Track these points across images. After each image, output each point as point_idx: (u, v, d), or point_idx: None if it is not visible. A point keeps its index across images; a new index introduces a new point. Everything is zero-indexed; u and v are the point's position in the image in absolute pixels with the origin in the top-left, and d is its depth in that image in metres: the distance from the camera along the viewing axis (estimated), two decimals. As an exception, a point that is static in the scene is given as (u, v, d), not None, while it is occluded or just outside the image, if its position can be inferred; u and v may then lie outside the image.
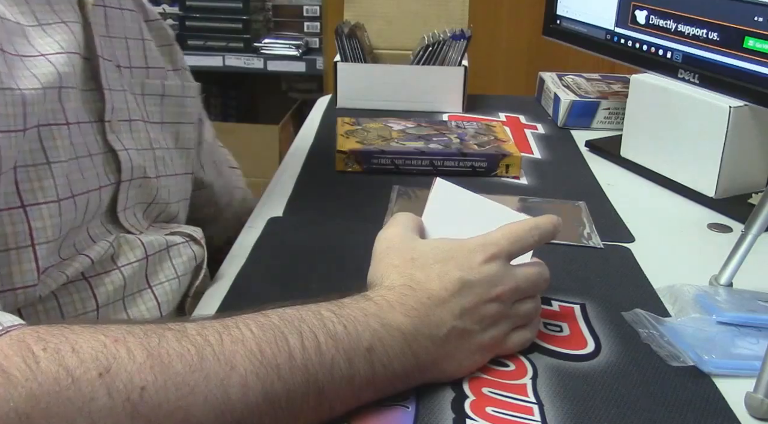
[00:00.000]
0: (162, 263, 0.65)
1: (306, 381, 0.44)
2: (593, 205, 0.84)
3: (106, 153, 0.61)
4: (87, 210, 0.58)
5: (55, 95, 0.53)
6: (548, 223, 0.57)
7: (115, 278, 0.60)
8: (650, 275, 0.69)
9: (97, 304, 0.58)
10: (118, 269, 0.60)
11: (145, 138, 0.67)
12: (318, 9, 2.19)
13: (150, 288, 0.63)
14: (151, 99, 0.69)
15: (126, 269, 0.61)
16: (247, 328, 0.44)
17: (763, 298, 0.64)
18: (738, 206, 0.84)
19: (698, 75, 0.88)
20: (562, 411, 0.50)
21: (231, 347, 0.43)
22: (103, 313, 0.58)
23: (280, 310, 0.47)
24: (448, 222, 0.60)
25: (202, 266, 0.69)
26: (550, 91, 1.19)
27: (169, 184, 0.70)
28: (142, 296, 0.63)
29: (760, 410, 0.51)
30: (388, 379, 0.49)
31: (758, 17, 0.79)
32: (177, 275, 0.66)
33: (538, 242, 0.56)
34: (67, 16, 0.57)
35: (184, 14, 2.13)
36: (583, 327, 0.61)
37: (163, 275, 0.65)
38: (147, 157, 0.66)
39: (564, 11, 1.11)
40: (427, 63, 1.17)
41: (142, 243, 0.63)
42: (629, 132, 0.98)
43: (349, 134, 0.96)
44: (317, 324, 0.46)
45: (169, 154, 0.71)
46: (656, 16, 0.93)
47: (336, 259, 0.71)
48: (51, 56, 0.54)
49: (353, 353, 0.47)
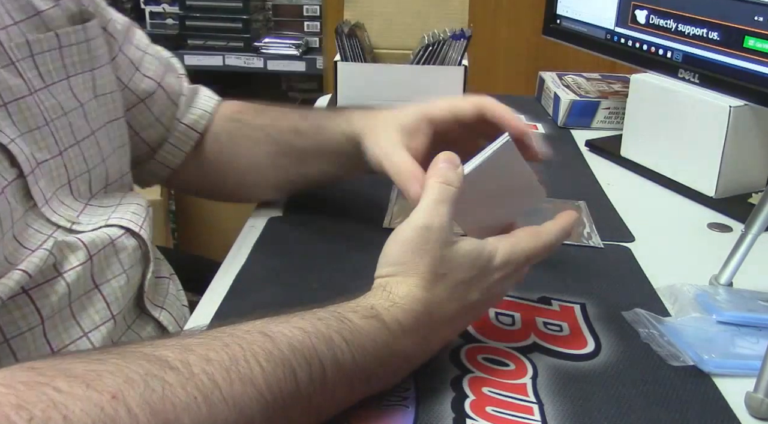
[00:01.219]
0: (108, 259, 0.61)
1: (307, 409, 0.44)
2: (593, 205, 0.84)
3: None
4: (1, 220, 0.52)
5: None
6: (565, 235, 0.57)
7: (58, 286, 0.56)
8: (650, 274, 0.69)
9: (41, 317, 0.55)
10: (61, 276, 0.56)
11: (43, 111, 0.58)
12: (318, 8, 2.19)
13: (97, 288, 0.60)
14: (45, 57, 0.60)
15: (69, 274, 0.57)
16: (256, 361, 0.41)
17: (763, 297, 0.64)
18: (738, 206, 0.84)
19: (698, 75, 0.88)
20: (562, 411, 0.50)
21: (240, 389, 0.40)
22: (48, 325, 0.55)
23: (289, 333, 0.44)
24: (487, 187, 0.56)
25: (149, 257, 0.65)
26: (550, 91, 1.19)
27: (92, 144, 0.64)
28: (90, 299, 0.59)
29: (760, 410, 0.51)
30: (383, 388, 0.50)
31: (758, 17, 0.79)
32: (124, 269, 0.62)
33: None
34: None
35: (184, 14, 2.13)
36: (583, 327, 0.61)
37: (110, 272, 0.61)
38: (48, 131, 0.59)
39: (564, 11, 1.11)
40: (427, 63, 1.17)
41: (84, 244, 0.58)
42: (629, 132, 0.98)
43: (349, 134, 0.96)
44: (327, 354, 0.45)
45: (89, 107, 0.64)
46: (656, 16, 0.93)
47: (336, 259, 0.71)
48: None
49: (356, 379, 0.47)
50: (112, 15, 0.72)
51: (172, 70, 0.79)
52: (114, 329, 0.61)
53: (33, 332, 0.54)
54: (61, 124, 0.60)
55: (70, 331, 0.58)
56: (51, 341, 0.56)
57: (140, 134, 0.76)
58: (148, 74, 0.75)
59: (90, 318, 0.59)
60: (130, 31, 0.75)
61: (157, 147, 0.78)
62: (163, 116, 0.77)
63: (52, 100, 0.60)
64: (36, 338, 0.55)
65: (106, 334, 0.60)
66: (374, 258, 0.53)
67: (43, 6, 0.61)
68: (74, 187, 0.62)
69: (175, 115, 0.78)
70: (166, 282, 0.73)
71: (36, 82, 0.58)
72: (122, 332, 0.64)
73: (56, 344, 0.56)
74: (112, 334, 0.61)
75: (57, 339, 0.56)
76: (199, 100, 0.81)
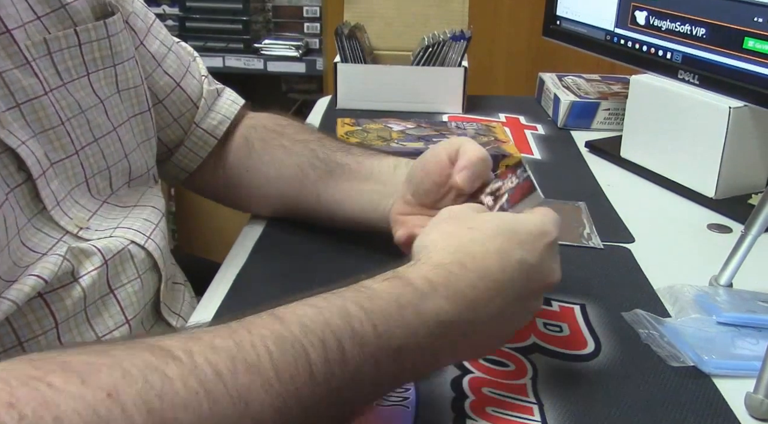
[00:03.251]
0: (123, 263, 0.60)
1: (327, 396, 0.39)
2: (593, 206, 0.84)
3: (1, 154, 0.53)
4: (7, 226, 0.51)
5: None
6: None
7: (73, 291, 0.55)
8: (650, 275, 0.69)
9: (56, 321, 0.54)
10: (76, 281, 0.56)
11: (58, 111, 0.58)
12: (318, 10, 2.19)
13: (112, 293, 0.59)
14: (63, 54, 0.59)
15: (85, 279, 0.56)
16: (264, 346, 0.38)
17: (763, 298, 0.64)
18: (738, 207, 0.84)
19: (698, 76, 0.88)
20: (562, 411, 0.50)
21: (245, 379, 0.37)
22: (63, 329, 0.55)
23: (300, 311, 0.41)
24: None
25: (159, 268, 0.64)
26: (550, 92, 1.19)
27: (113, 140, 0.63)
28: (105, 303, 0.59)
29: (760, 411, 0.51)
30: (418, 373, 0.46)
31: (758, 18, 0.79)
32: (138, 274, 0.62)
33: None
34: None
35: (184, 15, 2.13)
36: (583, 327, 0.61)
37: (125, 277, 0.61)
38: (64, 130, 0.58)
39: (564, 12, 1.11)
40: (427, 64, 1.17)
41: (98, 249, 0.58)
42: (629, 133, 0.98)
43: (349, 135, 0.96)
44: (343, 327, 0.40)
45: (111, 103, 0.64)
46: (656, 17, 0.93)
47: (337, 259, 0.71)
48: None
49: (381, 354, 0.41)
50: (134, 8, 0.71)
51: (194, 71, 0.77)
52: (129, 334, 0.61)
53: (47, 336, 0.54)
54: (78, 123, 0.60)
55: (85, 335, 0.57)
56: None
57: (158, 134, 0.74)
58: (169, 72, 0.74)
59: (104, 323, 0.59)
60: (154, 25, 0.74)
61: (175, 149, 0.77)
62: (182, 118, 0.76)
63: (69, 98, 0.59)
64: (50, 342, 0.55)
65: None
66: (375, 258, 0.53)
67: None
68: (92, 184, 0.62)
69: (193, 118, 0.76)
70: (181, 289, 0.73)
71: (52, 81, 0.58)
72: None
73: None
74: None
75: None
76: (221, 104, 0.78)
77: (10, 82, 0.55)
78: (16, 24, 0.56)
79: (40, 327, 0.54)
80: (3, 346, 0.52)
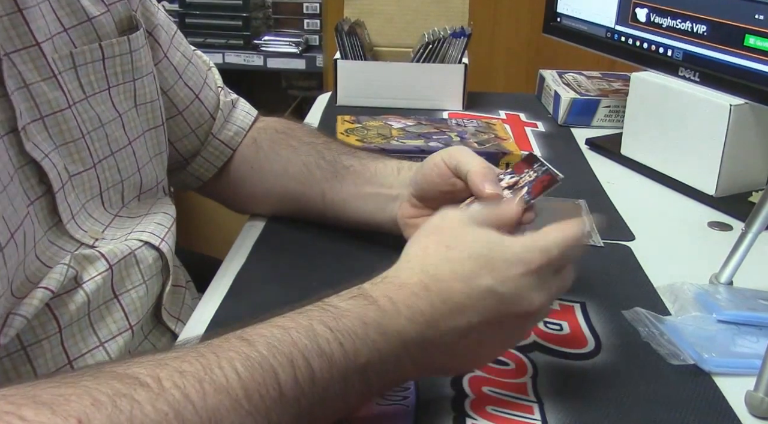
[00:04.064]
0: (128, 269, 0.61)
1: (298, 415, 0.40)
2: (593, 204, 0.84)
3: (24, 166, 0.53)
4: (26, 240, 0.52)
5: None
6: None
7: (77, 296, 0.56)
8: (650, 273, 0.69)
9: (59, 326, 0.54)
10: (80, 287, 0.56)
11: (80, 124, 0.59)
12: (318, 6, 2.18)
13: (116, 298, 0.59)
14: (87, 68, 0.60)
15: (89, 284, 0.56)
16: (232, 367, 0.39)
17: (764, 296, 0.64)
18: (738, 205, 0.84)
19: (699, 73, 0.87)
20: (562, 410, 0.50)
21: (214, 400, 0.37)
22: (66, 334, 0.55)
23: (267, 333, 0.41)
24: None
25: (169, 270, 0.65)
26: (550, 89, 1.19)
27: (128, 154, 0.64)
28: (109, 309, 0.59)
29: (760, 409, 0.51)
30: (383, 387, 0.47)
31: (759, 15, 0.79)
32: (143, 280, 0.62)
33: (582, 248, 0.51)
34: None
35: (184, 11, 2.13)
36: (583, 325, 0.61)
37: (129, 282, 0.61)
38: (84, 144, 0.59)
39: (564, 9, 1.11)
40: (428, 60, 1.16)
41: (102, 254, 0.58)
42: (629, 130, 0.98)
43: (349, 132, 0.96)
44: (310, 347, 0.41)
45: (128, 117, 0.65)
46: (657, 14, 0.93)
47: (336, 258, 0.71)
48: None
49: (349, 372, 0.43)
50: (159, 20, 0.72)
51: (210, 82, 0.79)
52: (131, 339, 0.61)
53: (50, 341, 0.54)
54: (97, 136, 0.61)
55: (88, 340, 0.57)
56: (68, 350, 0.56)
57: (174, 144, 0.76)
58: (189, 84, 0.75)
59: (107, 328, 0.59)
60: (176, 36, 0.75)
61: (191, 159, 0.78)
62: (199, 129, 0.77)
63: (91, 111, 0.60)
64: (53, 347, 0.55)
65: (123, 345, 0.59)
66: (375, 257, 0.53)
67: (95, 12, 0.61)
68: (105, 197, 0.63)
69: (211, 129, 0.78)
70: (182, 291, 0.73)
71: (76, 94, 0.59)
72: (139, 342, 0.63)
73: (73, 353, 0.56)
74: (128, 344, 0.60)
75: (74, 348, 0.56)
76: (237, 115, 0.80)
77: (36, 95, 0.55)
78: (45, 37, 0.56)
79: (44, 332, 0.54)
80: (7, 350, 0.52)
